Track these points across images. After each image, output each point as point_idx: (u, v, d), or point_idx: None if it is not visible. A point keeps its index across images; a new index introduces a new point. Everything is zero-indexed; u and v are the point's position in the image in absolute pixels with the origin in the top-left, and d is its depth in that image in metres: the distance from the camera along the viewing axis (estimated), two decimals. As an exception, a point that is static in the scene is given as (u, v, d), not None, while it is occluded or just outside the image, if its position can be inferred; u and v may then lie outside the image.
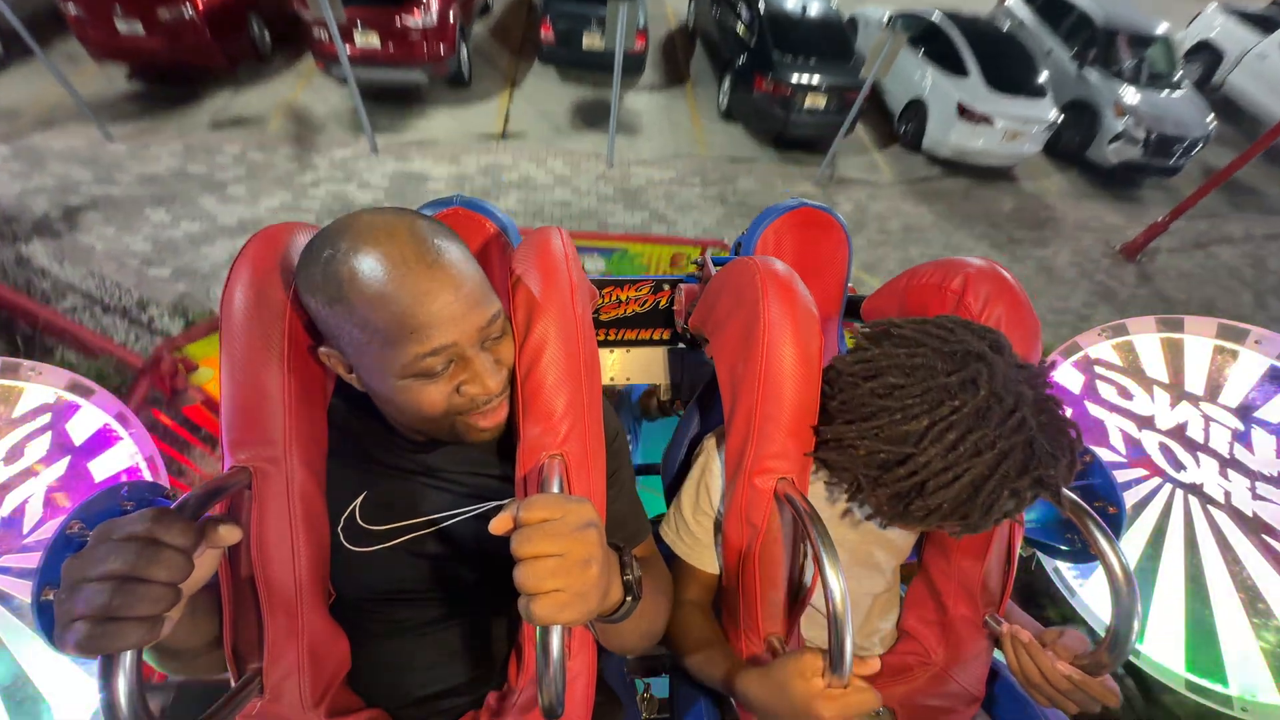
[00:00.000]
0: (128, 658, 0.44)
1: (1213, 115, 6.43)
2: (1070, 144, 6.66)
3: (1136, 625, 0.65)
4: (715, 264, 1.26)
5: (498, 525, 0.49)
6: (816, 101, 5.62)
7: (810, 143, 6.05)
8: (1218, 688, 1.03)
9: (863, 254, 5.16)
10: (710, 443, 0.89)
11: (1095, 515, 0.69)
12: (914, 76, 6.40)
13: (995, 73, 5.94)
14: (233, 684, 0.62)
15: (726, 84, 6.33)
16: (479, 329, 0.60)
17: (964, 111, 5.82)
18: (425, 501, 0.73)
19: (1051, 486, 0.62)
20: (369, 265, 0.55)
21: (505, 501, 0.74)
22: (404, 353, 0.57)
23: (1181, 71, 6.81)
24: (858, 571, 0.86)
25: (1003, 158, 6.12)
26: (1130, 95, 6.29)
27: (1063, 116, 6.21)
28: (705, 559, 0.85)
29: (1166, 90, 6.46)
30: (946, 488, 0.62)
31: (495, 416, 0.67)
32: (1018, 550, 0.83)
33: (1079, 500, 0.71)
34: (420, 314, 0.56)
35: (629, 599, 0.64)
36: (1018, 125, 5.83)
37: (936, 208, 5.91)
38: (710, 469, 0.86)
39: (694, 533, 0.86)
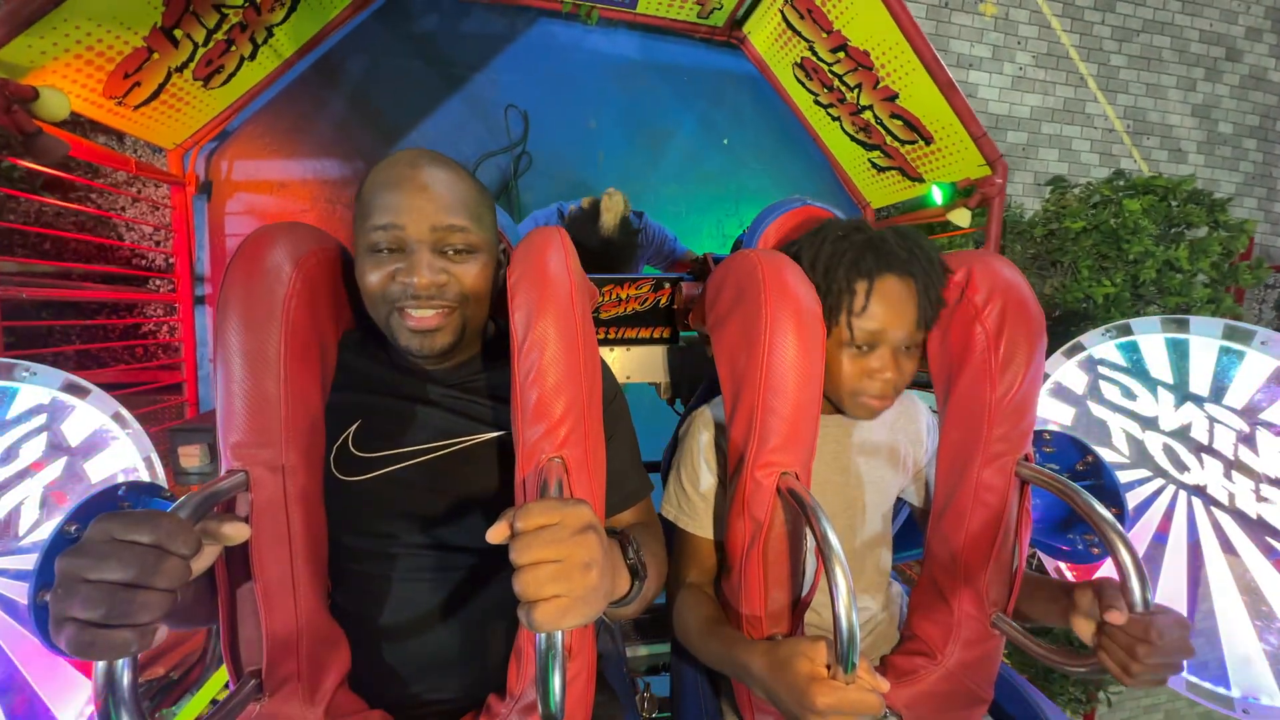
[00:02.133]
0: (124, 662, 0.44)
1: None
2: None
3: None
4: (715, 260, 1.25)
5: (494, 534, 0.48)
6: None
7: None
8: (1219, 689, 1.03)
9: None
10: (702, 410, 0.91)
11: (1107, 513, 0.68)
12: None
13: None
14: (230, 687, 0.62)
15: None
16: (431, 227, 0.67)
17: None
18: (419, 428, 0.74)
19: (887, 254, 0.79)
20: (387, 162, 0.69)
21: (500, 434, 0.76)
22: (363, 224, 0.68)
23: None
24: (848, 518, 0.88)
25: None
26: None
27: None
28: (711, 526, 0.86)
29: None
30: (811, 269, 0.82)
31: (422, 321, 0.69)
32: (1026, 549, 0.82)
33: (1089, 496, 0.70)
34: (383, 196, 0.67)
35: (636, 583, 0.65)
36: None
37: None
38: (699, 438, 0.88)
39: (693, 503, 0.87)
